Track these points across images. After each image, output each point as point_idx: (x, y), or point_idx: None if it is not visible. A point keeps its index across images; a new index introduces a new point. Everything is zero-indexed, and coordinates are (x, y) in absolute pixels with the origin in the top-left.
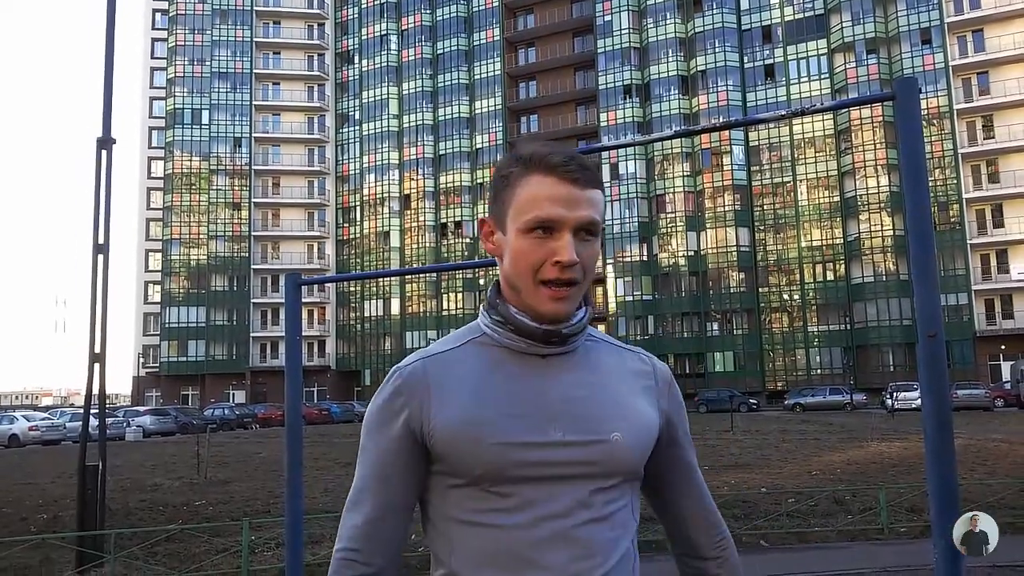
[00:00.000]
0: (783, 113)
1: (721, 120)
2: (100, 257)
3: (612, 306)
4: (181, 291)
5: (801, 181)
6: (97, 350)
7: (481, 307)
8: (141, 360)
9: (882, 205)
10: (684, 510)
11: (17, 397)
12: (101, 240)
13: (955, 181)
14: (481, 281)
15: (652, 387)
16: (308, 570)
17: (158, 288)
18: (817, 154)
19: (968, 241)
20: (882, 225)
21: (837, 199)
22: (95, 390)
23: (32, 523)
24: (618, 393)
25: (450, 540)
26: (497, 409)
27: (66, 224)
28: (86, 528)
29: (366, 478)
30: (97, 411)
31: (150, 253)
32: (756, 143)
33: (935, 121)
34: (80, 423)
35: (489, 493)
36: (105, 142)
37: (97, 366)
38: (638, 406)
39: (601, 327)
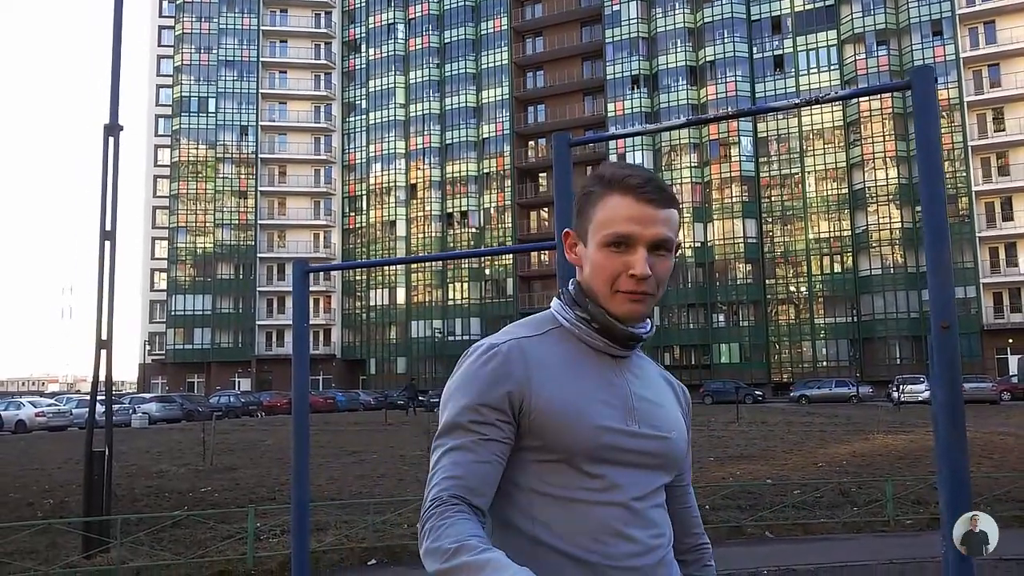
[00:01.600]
0: (797, 101)
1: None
2: (107, 244)
3: None
4: (187, 279)
5: (809, 173)
6: (104, 337)
7: (559, 302)
8: (147, 347)
9: (891, 197)
10: (678, 511)
11: (24, 383)
12: (108, 227)
13: (964, 174)
14: (487, 271)
15: (679, 399)
16: (313, 557)
17: (164, 276)
18: (826, 146)
19: (977, 234)
20: (890, 217)
21: (845, 191)
22: (102, 376)
23: (39, 508)
24: (666, 399)
25: (531, 510)
26: (592, 395)
27: (72, 211)
28: (92, 514)
29: (463, 428)
30: (104, 397)
31: (156, 241)
32: (764, 134)
33: (945, 113)
34: (86, 409)
35: (579, 472)
36: (112, 129)
37: (104, 353)
38: (679, 413)
39: None
